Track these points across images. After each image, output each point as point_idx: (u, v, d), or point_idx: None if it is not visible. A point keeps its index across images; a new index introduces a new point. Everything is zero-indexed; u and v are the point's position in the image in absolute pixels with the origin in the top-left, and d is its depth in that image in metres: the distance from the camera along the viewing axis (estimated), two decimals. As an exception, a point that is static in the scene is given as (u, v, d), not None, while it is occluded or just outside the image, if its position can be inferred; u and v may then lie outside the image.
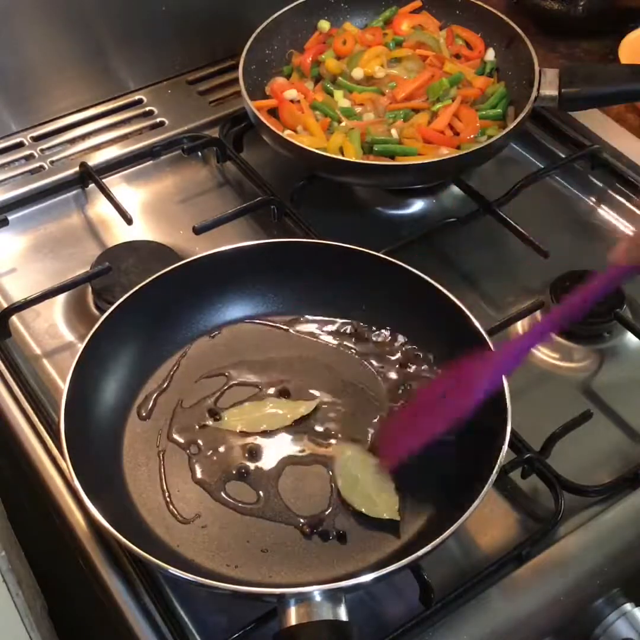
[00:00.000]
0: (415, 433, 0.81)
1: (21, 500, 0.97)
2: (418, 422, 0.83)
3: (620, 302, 0.99)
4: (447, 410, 0.80)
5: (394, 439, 0.85)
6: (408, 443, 0.81)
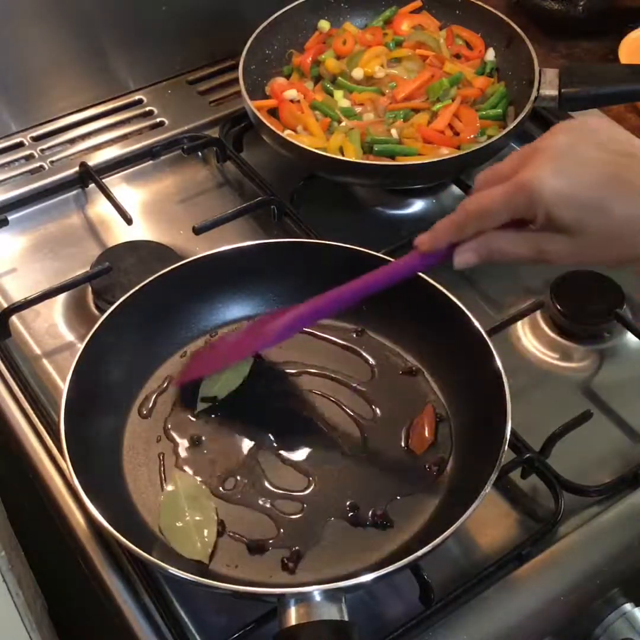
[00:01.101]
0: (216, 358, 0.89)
1: (21, 500, 0.97)
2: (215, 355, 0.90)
3: (620, 302, 0.99)
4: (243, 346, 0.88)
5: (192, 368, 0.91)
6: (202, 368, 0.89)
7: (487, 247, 0.69)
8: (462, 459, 0.84)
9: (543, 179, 0.64)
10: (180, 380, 0.90)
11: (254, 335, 0.88)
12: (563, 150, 0.65)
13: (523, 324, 1.01)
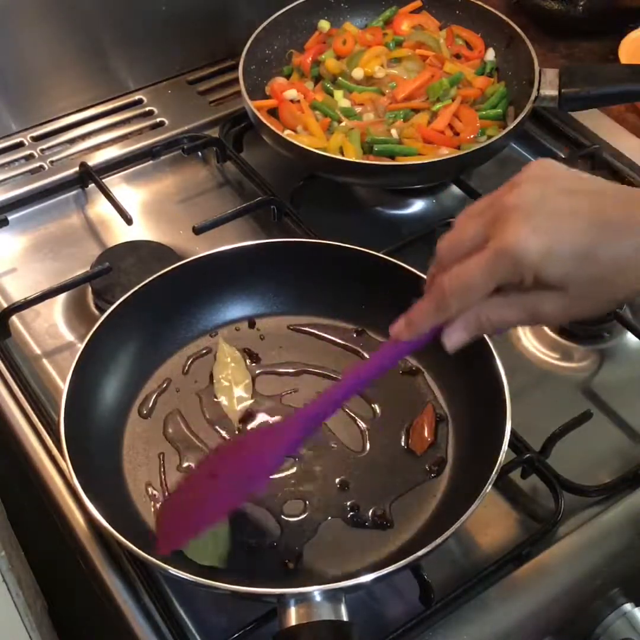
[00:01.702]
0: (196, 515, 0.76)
1: (21, 500, 0.97)
2: (199, 504, 0.77)
3: (620, 302, 1.00)
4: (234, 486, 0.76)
5: (176, 521, 0.78)
6: (189, 527, 0.76)
7: (475, 321, 0.64)
8: (462, 459, 0.84)
9: (524, 241, 0.60)
10: (161, 549, 0.74)
11: (238, 476, 0.76)
12: (534, 206, 0.61)
13: (524, 331, 1.01)
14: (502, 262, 0.61)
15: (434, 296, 0.65)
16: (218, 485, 0.76)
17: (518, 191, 0.63)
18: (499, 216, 0.62)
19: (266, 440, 0.78)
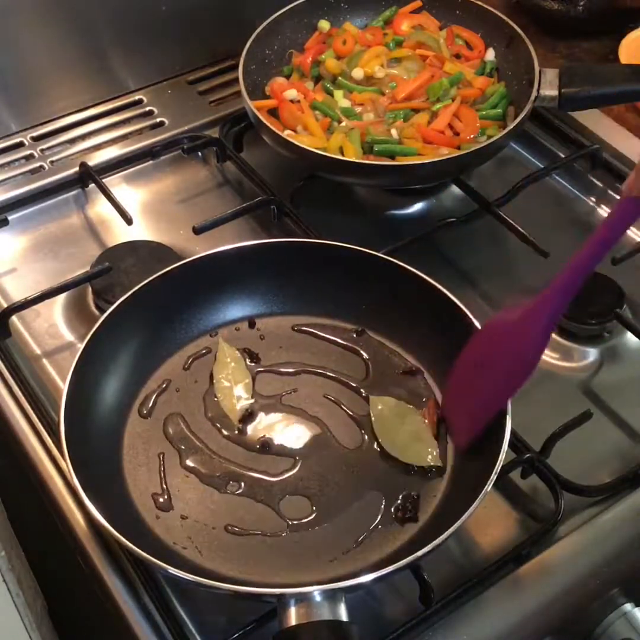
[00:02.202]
0: (481, 403, 0.80)
1: (21, 500, 0.97)
2: (482, 390, 0.81)
3: (620, 302, 0.99)
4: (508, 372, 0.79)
5: (461, 413, 0.84)
6: (478, 416, 0.80)
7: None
8: (462, 459, 0.84)
9: None
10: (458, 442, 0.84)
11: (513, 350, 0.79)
12: None
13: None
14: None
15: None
16: (492, 373, 0.81)
17: None
18: None
19: (526, 318, 0.78)
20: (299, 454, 0.86)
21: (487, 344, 0.83)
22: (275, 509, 0.82)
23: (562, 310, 0.78)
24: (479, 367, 0.83)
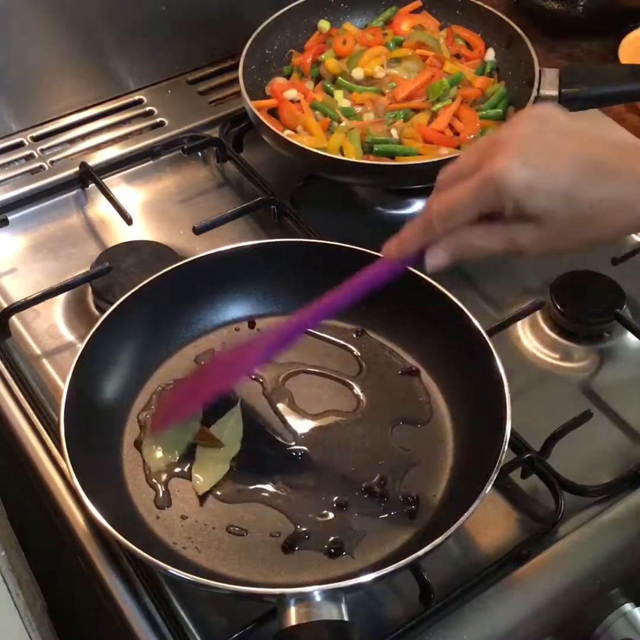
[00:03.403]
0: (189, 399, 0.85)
1: (21, 500, 0.97)
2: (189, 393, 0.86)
3: (620, 302, 0.99)
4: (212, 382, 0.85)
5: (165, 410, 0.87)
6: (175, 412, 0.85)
7: (458, 245, 0.68)
8: (462, 459, 0.84)
9: (510, 170, 0.63)
10: (155, 426, 0.86)
11: (233, 361, 0.86)
12: (525, 140, 0.64)
13: (523, 324, 1.01)
14: (486, 189, 0.64)
15: (423, 217, 0.69)
16: (198, 386, 0.86)
17: (514, 128, 0.66)
18: (492, 147, 0.65)
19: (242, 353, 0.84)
20: (298, 454, 0.86)
21: None
22: (275, 508, 0.82)
23: (292, 339, 0.83)
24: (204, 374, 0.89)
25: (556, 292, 1.01)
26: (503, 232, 0.67)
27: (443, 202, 0.67)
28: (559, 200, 0.63)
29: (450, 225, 0.67)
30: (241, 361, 0.84)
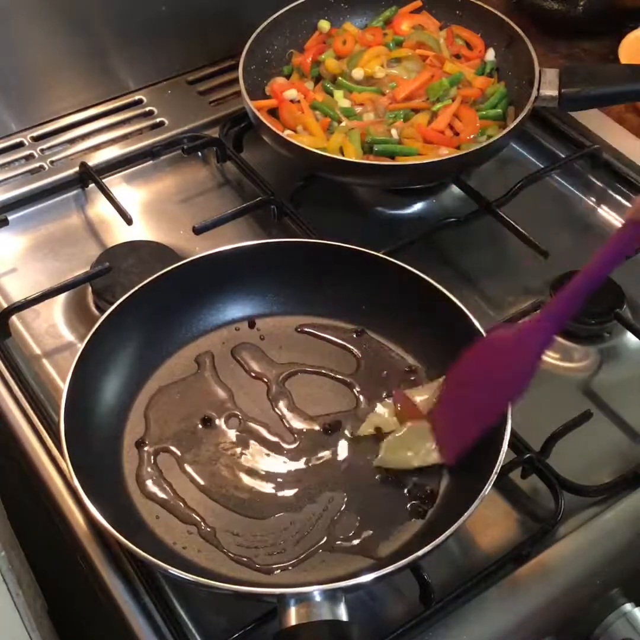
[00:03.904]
0: (471, 419, 0.80)
1: (21, 500, 0.97)
2: (472, 406, 0.81)
3: (620, 302, 0.99)
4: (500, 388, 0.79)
5: (452, 429, 0.83)
6: (467, 433, 0.80)
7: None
8: (462, 459, 0.84)
9: None
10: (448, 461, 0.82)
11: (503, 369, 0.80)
12: None
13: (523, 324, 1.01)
14: None
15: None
16: (484, 391, 0.80)
17: None
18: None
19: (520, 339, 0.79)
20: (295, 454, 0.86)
21: (479, 363, 0.82)
22: (275, 508, 0.82)
23: (556, 333, 0.79)
24: (470, 384, 0.83)
25: (556, 292, 1.01)
26: None
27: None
28: None
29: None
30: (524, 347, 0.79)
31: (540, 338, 0.78)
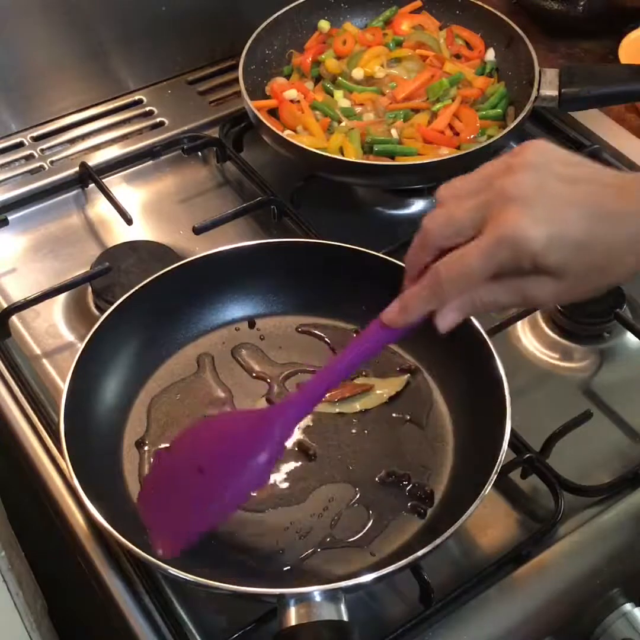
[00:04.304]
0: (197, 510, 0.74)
1: (21, 500, 0.97)
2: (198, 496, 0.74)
3: (620, 302, 0.99)
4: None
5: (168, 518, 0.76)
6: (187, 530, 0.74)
7: (470, 304, 0.64)
8: (462, 459, 0.84)
9: (525, 230, 0.60)
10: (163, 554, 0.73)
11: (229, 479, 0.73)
12: (533, 196, 0.61)
13: (523, 324, 1.01)
14: (502, 250, 0.61)
15: (429, 283, 0.65)
16: (208, 483, 0.74)
17: (515, 180, 0.62)
18: (496, 203, 0.62)
19: (253, 428, 0.74)
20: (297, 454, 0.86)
21: (209, 444, 0.76)
22: (275, 508, 0.82)
23: (296, 422, 0.74)
24: (196, 469, 0.75)
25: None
26: (517, 285, 0.63)
27: (453, 267, 0.63)
28: (575, 251, 0.61)
29: (463, 289, 0.63)
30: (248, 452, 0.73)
31: (281, 421, 0.73)
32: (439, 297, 0.65)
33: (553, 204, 0.61)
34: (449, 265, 0.64)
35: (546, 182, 0.62)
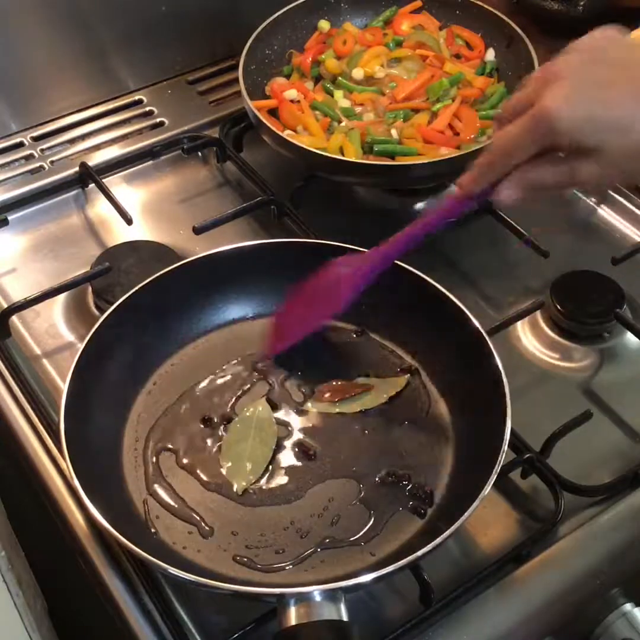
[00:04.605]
0: (295, 326, 0.90)
1: (21, 500, 0.97)
2: (301, 316, 0.90)
3: (620, 302, 0.99)
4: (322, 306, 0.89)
5: (283, 330, 0.92)
6: (289, 335, 0.90)
7: (525, 180, 0.70)
8: (462, 459, 0.84)
9: (560, 107, 0.65)
10: (269, 352, 0.92)
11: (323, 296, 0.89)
12: (574, 74, 0.66)
13: (523, 324, 1.01)
14: (539, 127, 0.67)
15: (489, 154, 0.72)
16: (306, 310, 0.90)
17: (565, 58, 0.69)
18: (545, 81, 0.67)
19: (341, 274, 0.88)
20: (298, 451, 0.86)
21: (310, 288, 0.90)
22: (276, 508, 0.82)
23: (376, 271, 0.86)
24: (302, 301, 0.91)
25: (556, 292, 1.01)
26: (564, 166, 0.69)
27: (502, 139, 0.70)
28: (611, 132, 0.66)
29: (510, 161, 0.70)
30: (337, 287, 0.88)
31: (356, 274, 0.86)
32: (495, 166, 0.71)
33: (595, 84, 0.66)
34: (498, 137, 0.71)
35: (590, 62, 0.67)
